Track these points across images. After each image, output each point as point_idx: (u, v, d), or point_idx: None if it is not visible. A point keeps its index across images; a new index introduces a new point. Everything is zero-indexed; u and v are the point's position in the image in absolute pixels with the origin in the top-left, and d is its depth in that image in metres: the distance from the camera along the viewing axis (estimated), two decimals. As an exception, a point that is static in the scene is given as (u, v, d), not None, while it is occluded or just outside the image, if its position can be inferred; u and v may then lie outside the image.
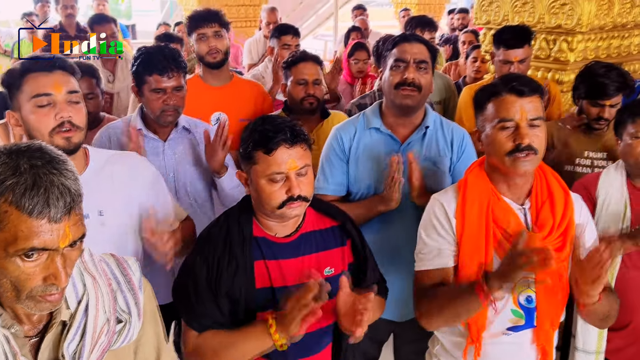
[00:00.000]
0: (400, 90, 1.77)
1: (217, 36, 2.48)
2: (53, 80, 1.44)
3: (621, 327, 1.89)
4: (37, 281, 0.87)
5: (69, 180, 0.86)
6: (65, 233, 0.86)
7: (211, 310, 1.36)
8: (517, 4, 2.93)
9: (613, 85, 2.20)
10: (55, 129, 1.44)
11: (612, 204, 1.87)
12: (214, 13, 2.53)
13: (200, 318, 1.37)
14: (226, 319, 1.38)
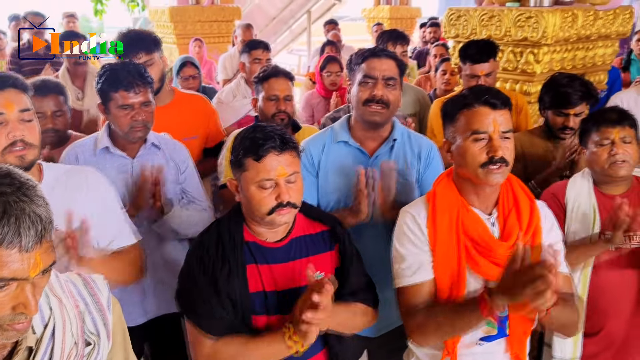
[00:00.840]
0: (369, 106, 1.78)
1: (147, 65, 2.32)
2: (4, 99, 1.42)
3: (594, 333, 1.91)
4: (5, 310, 0.84)
5: (40, 208, 0.84)
6: (36, 262, 0.84)
7: (218, 310, 1.37)
8: (484, 17, 2.99)
9: (576, 94, 2.26)
10: (7, 147, 1.42)
11: (580, 210, 1.90)
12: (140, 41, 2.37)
13: (213, 321, 1.37)
14: (234, 320, 1.38)
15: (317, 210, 1.61)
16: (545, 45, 2.79)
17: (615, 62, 5.47)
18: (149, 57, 2.37)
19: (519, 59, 2.91)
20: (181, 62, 3.89)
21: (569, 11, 2.78)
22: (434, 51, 4.72)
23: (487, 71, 2.60)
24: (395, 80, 1.80)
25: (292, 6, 9.30)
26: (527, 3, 2.94)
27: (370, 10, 8.47)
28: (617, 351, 1.91)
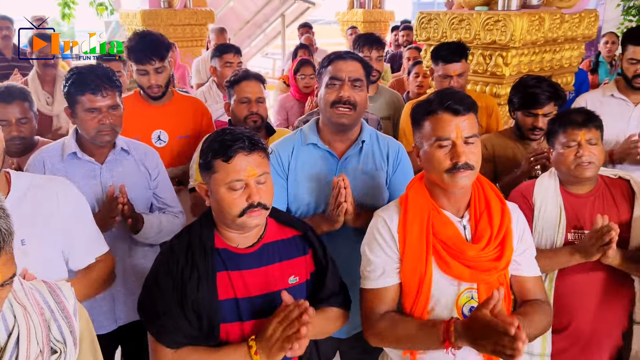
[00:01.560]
0: (336, 108, 1.79)
1: (158, 72, 2.48)
2: None
3: (562, 329, 1.95)
4: None
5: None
6: None
7: (182, 323, 1.35)
8: (454, 21, 3.03)
9: (544, 94, 2.32)
10: None
11: (548, 209, 1.94)
12: (155, 48, 2.46)
13: (171, 333, 1.35)
14: (197, 332, 1.36)
15: (288, 215, 1.61)
16: (514, 48, 2.84)
17: (584, 65, 5.62)
18: (161, 64, 2.47)
19: (488, 61, 2.96)
20: None
21: (536, 15, 2.83)
22: (407, 54, 4.76)
23: (459, 71, 2.66)
24: (361, 82, 1.82)
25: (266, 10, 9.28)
26: (496, 7, 3.00)
27: (344, 13, 8.50)
28: (585, 346, 1.95)
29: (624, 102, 2.63)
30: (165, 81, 2.51)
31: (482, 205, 1.51)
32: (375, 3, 8.48)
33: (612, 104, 2.64)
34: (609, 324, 1.95)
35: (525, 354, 1.95)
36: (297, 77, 3.84)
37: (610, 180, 2.00)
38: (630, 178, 1.99)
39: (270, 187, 1.42)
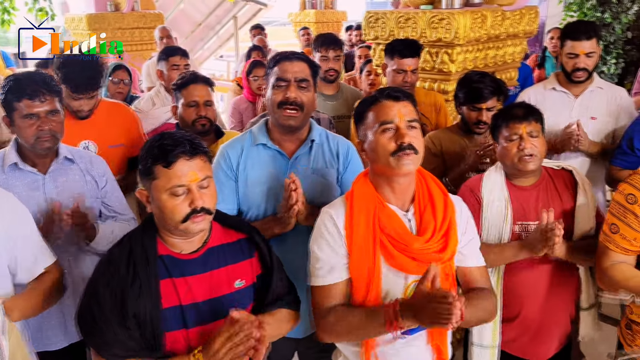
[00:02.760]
0: (283, 110, 1.79)
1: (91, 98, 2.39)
2: None
3: (512, 319, 2.00)
4: None
5: None
6: None
7: (122, 336, 1.31)
8: (400, 20, 3.07)
9: (487, 89, 2.39)
10: None
11: (494, 203, 1.98)
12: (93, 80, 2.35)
13: (111, 347, 1.31)
14: (139, 344, 1.33)
15: (233, 218, 1.59)
16: (458, 46, 2.90)
17: (531, 60, 5.79)
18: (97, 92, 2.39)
19: (435, 59, 3.02)
20: (115, 65, 3.76)
21: (478, 12, 2.90)
22: (359, 52, 4.80)
23: (413, 67, 2.72)
24: (308, 82, 1.82)
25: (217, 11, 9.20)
26: (440, 5, 3.05)
27: (297, 14, 8.52)
28: (534, 335, 2.00)
29: (565, 95, 2.73)
30: (96, 103, 2.44)
31: (426, 198, 1.53)
32: (327, 4, 8.52)
33: (554, 97, 2.73)
34: (557, 312, 2.01)
35: (477, 346, 2.00)
36: (250, 78, 3.82)
37: (553, 171, 2.06)
38: (572, 169, 2.06)
39: (214, 191, 1.40)
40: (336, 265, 1.50)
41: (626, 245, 1.68)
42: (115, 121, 2.56)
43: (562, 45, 2.67)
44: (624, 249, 1.69)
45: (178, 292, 1.38)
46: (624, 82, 6.00)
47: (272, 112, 1.83)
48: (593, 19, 6.21)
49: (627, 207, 1.66)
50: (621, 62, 6.35)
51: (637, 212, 1.64)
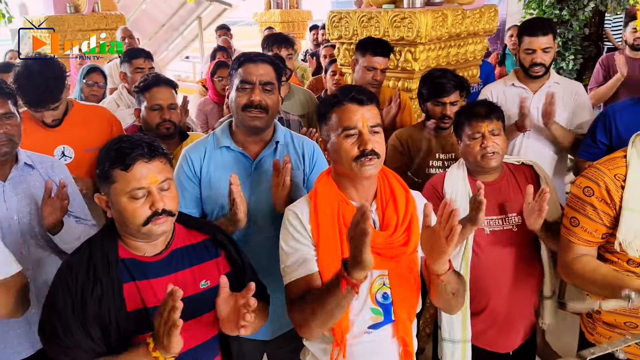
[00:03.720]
0: (248, 112, 1.78)
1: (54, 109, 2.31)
2: None
3: (480, 311, 2.04)
4: None
5: None
6: None
7: (83, 340, 1.29)
8: (363, 19, 3.10)
9: (449, 83, 2.45)
10: None
11: (457, 198, 2.02)
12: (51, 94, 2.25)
13: (71, 352, 1.30)
14: (100, 347, 1.31)
15: (196, 219, 1.58)
16: (421, 44, 2.94)
17: (493, 57, 5.92)
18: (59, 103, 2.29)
19: (398, 57, 3.05)
20: (89, 68, 3.68)
21: (439, 11, 2.95)
22: (324, 52, 4.82)
23: (384, 66, 2.76)
24: (272, 85, 1.81)
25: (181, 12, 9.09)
26: (401, 5, 3.09)
27: (262, 14, 8.49)
28: (501, 326, 2.05)
29: (524, 90, 2.79)
30: (63, 112, 2.38)
31: (388, 194, 1.55)
32: (292, 3, 8.53)
33: (513, 93, 2.79)
34: (522, 304, 2.06)
35: (448, 341, 2.04)
36: (215, 79, 3.79)
37: (514, 166, 2.12)
38: (533, 163, 2.12)
39: (175, 193, 1.39)
40: (307, 258, 1.50)
41: (588, 237, 1.72)
42: (91, 125, 2.50)
43: (520, 42, 2.74)
44: (586, 240, 1.73)
45: (142, 295, 1.37)
46: (583, 78, 6.18)
47: (236, 114, 1.82)
48: (552, 17, 6.38)
49: (585, 200, 1.70)
50: (579, 58, 6.55)
51: (595, 204, 1.68)
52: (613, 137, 2.41)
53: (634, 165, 1.65)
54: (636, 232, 1.62)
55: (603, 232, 1.70)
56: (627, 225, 1.63)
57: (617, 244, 1.65)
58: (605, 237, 1.71)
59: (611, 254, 1.71)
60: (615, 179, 1.66)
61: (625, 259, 1.68)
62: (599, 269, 1.68)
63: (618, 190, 1.65)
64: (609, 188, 1.66)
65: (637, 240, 1.62)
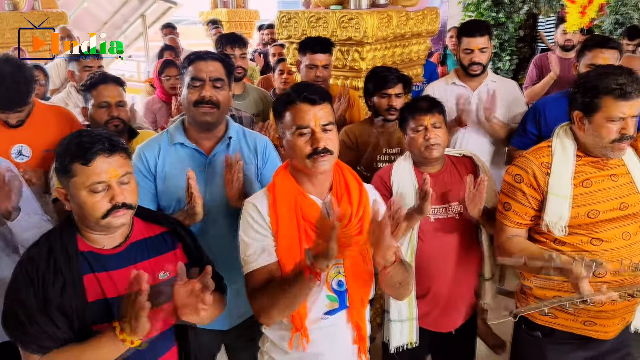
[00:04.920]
0: (199, 108, 1.82)
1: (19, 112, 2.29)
2: None
3: (424, 295, 2.16)
4: None
5: None
6: None
7: (48, 327, 1.31)
8: (312, 19, 3.18)
9: (392, 75, 2.60)
10: None
11: (404, 189, 2.13)
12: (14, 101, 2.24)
13: (37, 339, 1.31)
14: (66, 333, 1.33)
15: (154, 212, 1.62)
16: (367, 44, 3.05)
17: (435, 57, 6.14)
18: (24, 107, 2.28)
19: (346, 56, 3.15)
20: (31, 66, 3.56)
21: (384, 13, 3.06)
22: (273, 50, 4.86)
23: (325, 62, 2.85)
24: (222, 82, 1.86)
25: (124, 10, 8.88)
26: (348, 6, 3.19)
27: (208, 13, 8.41)
28: (444, 308, 2.18)
29: (464, 88, 2.96)
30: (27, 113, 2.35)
31: (343, 187, 1.63)
32: (239, 2, 8.50)
33: (454, 91, 2.95)
34: (463, 286, 2.19)
35: (397, 321, 2.15)
36: (162, 78, 3.77)
37: (456, 158, 2.25)
38: (472, 155, 2.26)
39: (134, 187, 1.42)
40: (266, 248, 1.56)
41: (519, 220, 1.88)
42: (52, 125, 2.45)
43: (459, 43, 2.91)
44: (517, 223, 1.89)
45: (102, 286, 1.39)
46: (518, 77, 6.51)
47: (188, 111, 1.86)
48: (489, 19, 6.69)
49: (516, 186, 1.87)
50: (515, 58, 6.89)
51: (525, 190, 1.84)
52: (542, 128, 2.61)
53: (558, 154, 1.82)
54: (560, 215, 1.79)
55: (532, 215, 1.86)
56: (552, 209, 1.80)
57: (544, 225, 1.82)
58: (534, 219, 1.87)
59: (539, 234, 1.87)
60: (541, 167, 1.83)
61: (551, 239, 1.84)
62: (528, 247, 1.83)
63: (544, 177, 1.81)
64: (536, 175, 1.82)
65: (561, 221, 1.79)
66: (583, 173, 1.81)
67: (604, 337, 1.88)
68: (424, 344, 2.23)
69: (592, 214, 1.78)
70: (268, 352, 1.70)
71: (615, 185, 1.81)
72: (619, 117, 1.70)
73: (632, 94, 1.68)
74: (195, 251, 1.56)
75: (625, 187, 1.82)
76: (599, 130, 1.73)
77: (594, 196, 1.79)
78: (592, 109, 1.73)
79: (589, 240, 1.80)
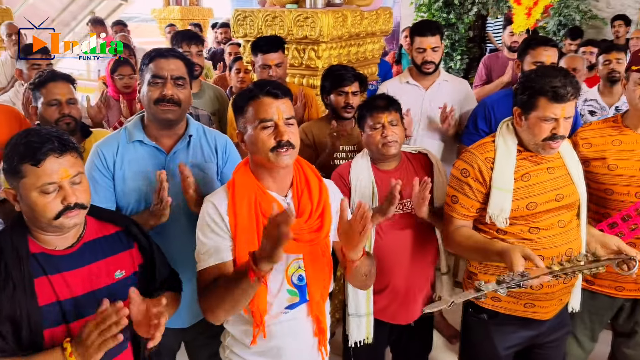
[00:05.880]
0: (160, 105, 1.80)
1: None
2: None
3: (383, 289, 2.21)
4: None
5: None
6: None
7: None
8: (267, 18, 3.18)
9: (349, 74, 2.65)
10: None
11: (362, 186, 2.18)
12: None
13: None
14: (8, 344, 1.29)
15: (108, 211, 1.60)
16: (323, 43, 3.08)
17: (390, 56, 6.24)
18: None
19: (302, 55, 3.17)
20: None
21: (339, 12, 3.11)
22: (229, 49, 4.83)
23: (277, 61, 2.86)
24: (184, 80, 1.85)
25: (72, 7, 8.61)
26: (304, 5, 3.22)
27: (160, 11, 8.26)
28: (402, 301, 2.24)
29: (417, 87, 3.04)
30: None
31: (303, 183, 1.66)
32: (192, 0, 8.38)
33: (408, 90, 3.03)
34: (420, 279, 2.26)
35: (355, 316, 2.19)
36: (115, 77, 3.69)
37: (411, 155, 2.31)
38: (427, 152, 2.33)
39: (87, 186, 1.40)
40: (220, 248, 1.57)
41: (465, 212, 1.97)
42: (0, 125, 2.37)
43: (412, 42, 2.98)
44: (464, 215, 1.97)
45: (55, 288, 1.36)
46: (469, 76, 6.71)
47: (149, 108, 1.83)
48: (440, 19, 6.86)
49: (463, 180, 1.95)
50: (465, 58, 7.09)
51: (471, 184, 1.93)
52: (492, 126, 2.72)
53: (501, 149, 1.91)
54: (502, 207, 1.88)
55: (477, 207, 1.94)
56: (495, 202, 1.88)
57: (488, 217, 1.90)
58: (478, 211, 1.96)
59: (484, 225, 1.96)
60: (486, 162, 1.91)
61: (495, 229, 1.93)
62: (472, 236, 1.92)
63: (488, 171, 1.90)
64: (481, 169, 1.90)
65: (503, 214, 1.88)
66: (523, 167, 1.90)
67: (543, 317, 1.99)
68: (383, 336, 2.29)
69: (530, 205, 1.88)
70: (229, 346, 1.70)
71: (551, 177, 1.91)
72: (552, 118, 1.79)
73: (565, 97, 1.77)
74: (150, 250, 1.55)
75: (561, 179, 1.93)
76: (532, 128, 1.83)
77: (532, 189, 1.89)
78: (529, 108, 1.83)
79: (528, 229, 1.90)
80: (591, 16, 6.60)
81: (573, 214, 1.96)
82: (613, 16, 6.01)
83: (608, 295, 2.25)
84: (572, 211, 1.96)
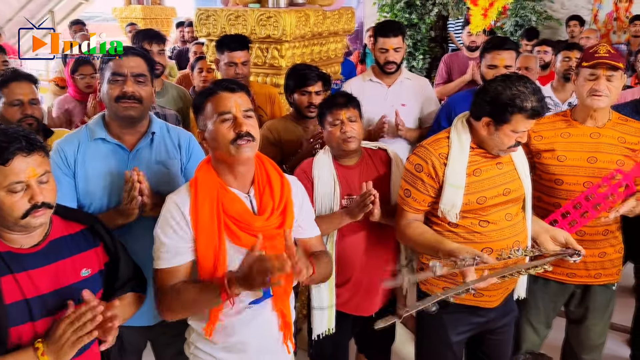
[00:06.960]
0: (121, 103, 1.81)
1: None
2: None
3: (345, 282, 2.27)
4: None
5: None
6: None
7: None
8: (231, 17, 3.20)
9: (313, 73, 2.69)
10: None
11: (324, 181, 2.22)
12: None
13: None
14: None
15: (73, 210, 1.61)
16: (286, 42, 3.12)
17: (355, 56, 6.32)
18: None
19: (266, 54, 3.20)
20: None
21: (302, 12, 3.15)
22: (194, 49, 4.81)
23: (244, 59, 2.89)
24: (145, 77, 1.85)
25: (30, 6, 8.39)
26: (266, 4, 3.25)
27: (122, 9, 8.12)
28: (365, 293, 2.29)
29: (380, 85, 3.11)
30: None
31: (264, 180, 1.68)
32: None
33: (371, 88, 3.10)
34: (381, 272, 2.30)
35: (317, 309, 2.24)
36: (76, 77, 3.64)
37: (372, 151, 2.36)
38: (386, 148, 2.39)
39: (53, 186, 1.41)
40: (181, 249, 1.59)
41: (417, 206, 2.03)
42: None
43: (375, 42, 3.05)
44: (416, 209, 2.04)
45: (21, 286, 1.37)
46: (431, 75, 6.85)
47: (110, 106, 1.83)
48: (402, 20, 6.98)
49: (416, 175, 2.01)
50: (427, 57, 7.24)
51: (424, 179, 1.99)
52: None
53: (455, 146, 1.98)
54: (453, 203, 1.95)
55: (429, 201, 2.01)
56: (447, 197, 1.95)
57: (440, 212, 1.98)
58: (430, 205, 2.02)
59: (436, 217, 2.03)
60: (439, 157, 1.97)
61: (446, 222, 2.01)
62: (424, 233, 1.99)
63: (442, 167, 1.97)
64: (434, 165, 1.97)
65: (454, 209, 1.95)
66: (475, 163, 1.98)
67: (490, 305, 2.09)
68: (347, 328, 2.34)
69: (480, 200, 1.96)
70: (194, 342, 1.72)
71: (500, 173, 2.00)
72: (522, 131, 1.88)
73: (542, 114, 1.87)
74: (114, 249, 1.56)
75: (509, 174, 2.02)
76: (502, 138, 1.90)
77: (482, 184, 1.97)
78: (502, 121, 1.87)
79: (478, 222, 1.98)
80: (546, 17, 6.83)
81: (519, 207, 2.06)
82: (568, 17, 6.23)
83: (560, 282, 2.36)
84: (518, 205, 2.05)
